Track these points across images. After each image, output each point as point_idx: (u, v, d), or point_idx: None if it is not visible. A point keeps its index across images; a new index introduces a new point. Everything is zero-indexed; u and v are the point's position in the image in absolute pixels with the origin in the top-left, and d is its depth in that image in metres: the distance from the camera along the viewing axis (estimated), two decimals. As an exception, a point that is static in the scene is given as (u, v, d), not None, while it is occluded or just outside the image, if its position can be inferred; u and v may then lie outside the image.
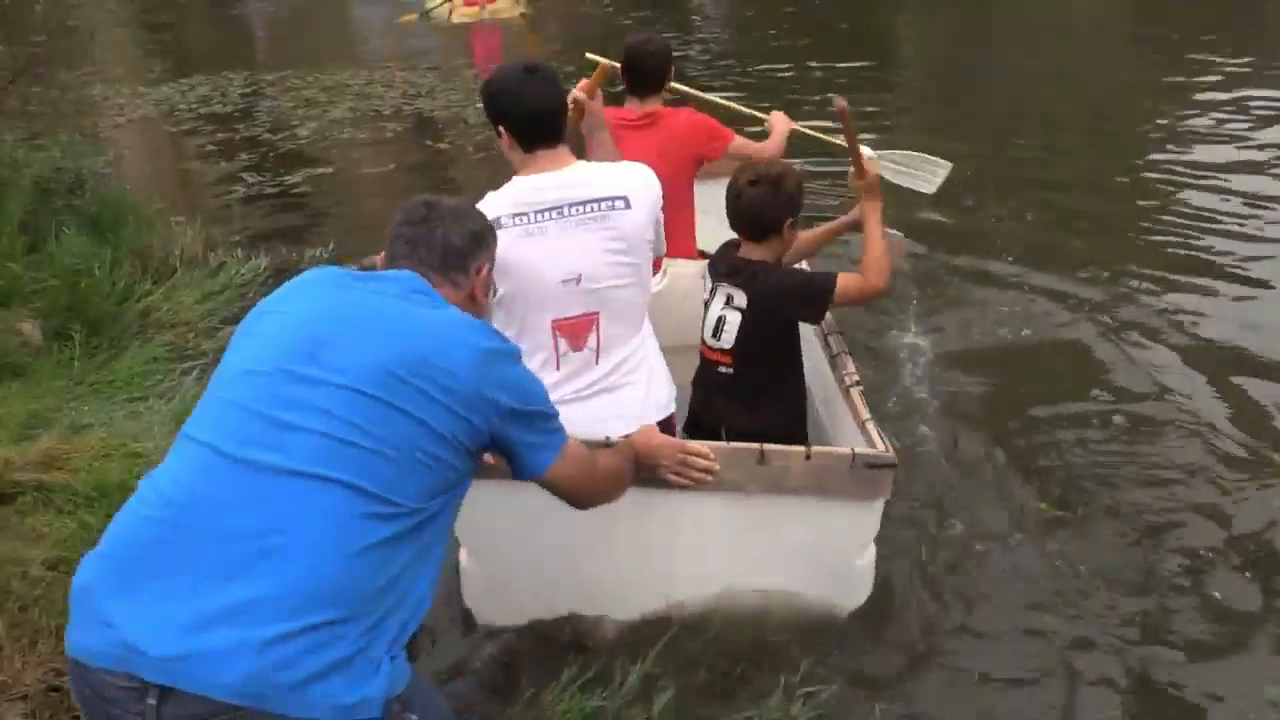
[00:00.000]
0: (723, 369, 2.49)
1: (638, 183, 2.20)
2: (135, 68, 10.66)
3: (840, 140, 2.64)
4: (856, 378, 2.53)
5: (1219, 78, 7.37)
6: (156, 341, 4.10)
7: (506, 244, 2.04)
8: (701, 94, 3.48)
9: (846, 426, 2.48)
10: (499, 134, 2.17)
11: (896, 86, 8.42)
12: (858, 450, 2.15)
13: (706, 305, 2.53)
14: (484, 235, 1.78)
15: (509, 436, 1.56)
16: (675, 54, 3.19)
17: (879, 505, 2.22)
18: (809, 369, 2.59)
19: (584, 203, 2.15)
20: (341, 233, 5.14)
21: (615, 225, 2.16)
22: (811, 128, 3.47)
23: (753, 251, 2.45)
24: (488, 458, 1.62)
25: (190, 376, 3.76)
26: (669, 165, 2.67)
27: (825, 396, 2.76)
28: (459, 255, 1.71)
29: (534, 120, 2.13)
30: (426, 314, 1.54)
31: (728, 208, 2.45)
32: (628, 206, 2.17)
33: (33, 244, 4.46)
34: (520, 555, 2.26)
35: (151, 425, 3.15)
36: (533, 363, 2.14)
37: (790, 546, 2.27)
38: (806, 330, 2.59)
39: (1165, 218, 4.87)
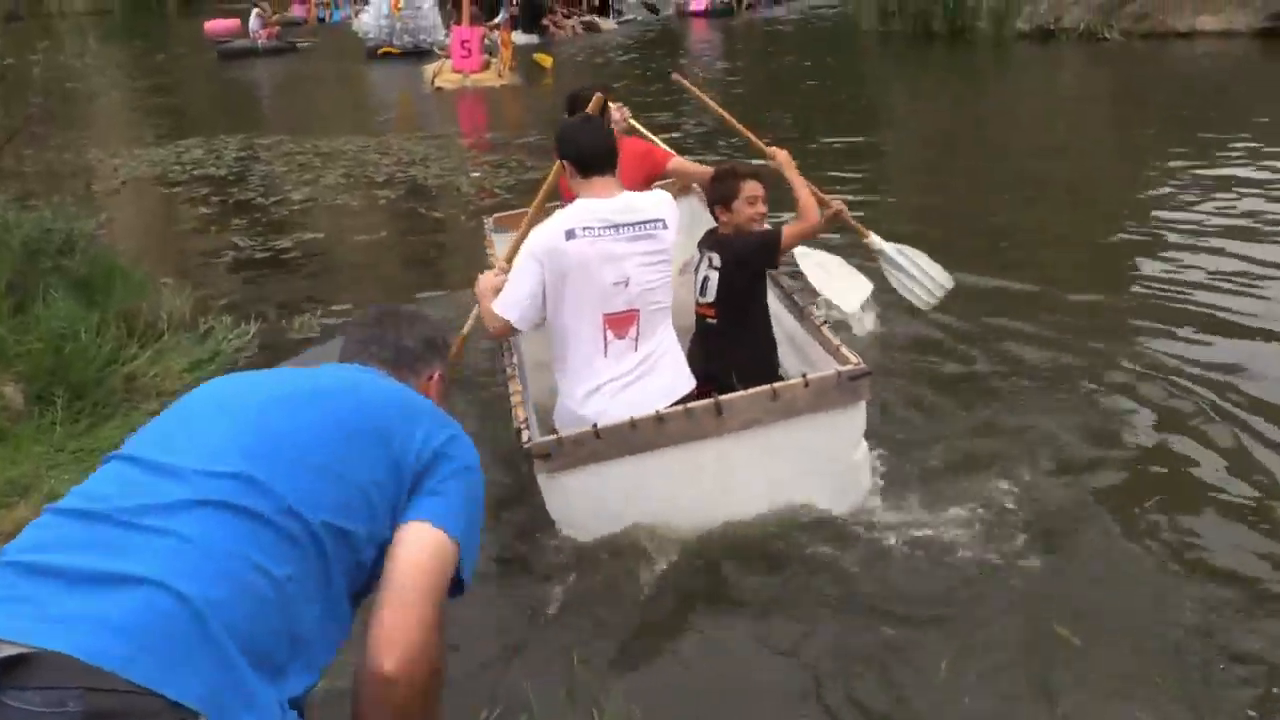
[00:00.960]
0: (709, 320, 3.28)
1: (668, 209, 2.93)
2: (131, 130, 10.72)
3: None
4: (824, 318, 3.31)
5: (1195, 153, 7.53)
6: (141, 409, 4.04)
7: (575, 250, 2.78)
8: (652, 136, 4.23)
9: (816, 355, 3.17)
10: (563, 167, 2.94)
11: (886, 155, 8.57)
12: (840, 369, 2.86)
13: (696, 270, 3.33)
14: (436, 342, 1.76)
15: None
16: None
17: (863, 406, 2.90)
18: (775, 319, 3.36)
19: (634, 224, 2.84)
20: (331, 301, 5.11)
21: (656, 242, 2.87)
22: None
23: (721, 227, 3.31)
24: None
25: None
26: (628, 183, 3.20)
27: (791, 337, 3.44)
28: (411, 357, 1.70)
29: (591, 156, 2.86)
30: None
31: (714, 193, 3.33)
32: (665, 227, 2.89)
33: (19, 305, 4.42)
34: (607, 516, 2.87)
35: (132, 497, 3.07)
36: (585, 349, 2.88)
37: (806, 456, 2.89)
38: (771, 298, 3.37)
39: (1144, 274, 4.95)
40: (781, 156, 3.43)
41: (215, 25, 23.07)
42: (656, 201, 2.95)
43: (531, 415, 2.95)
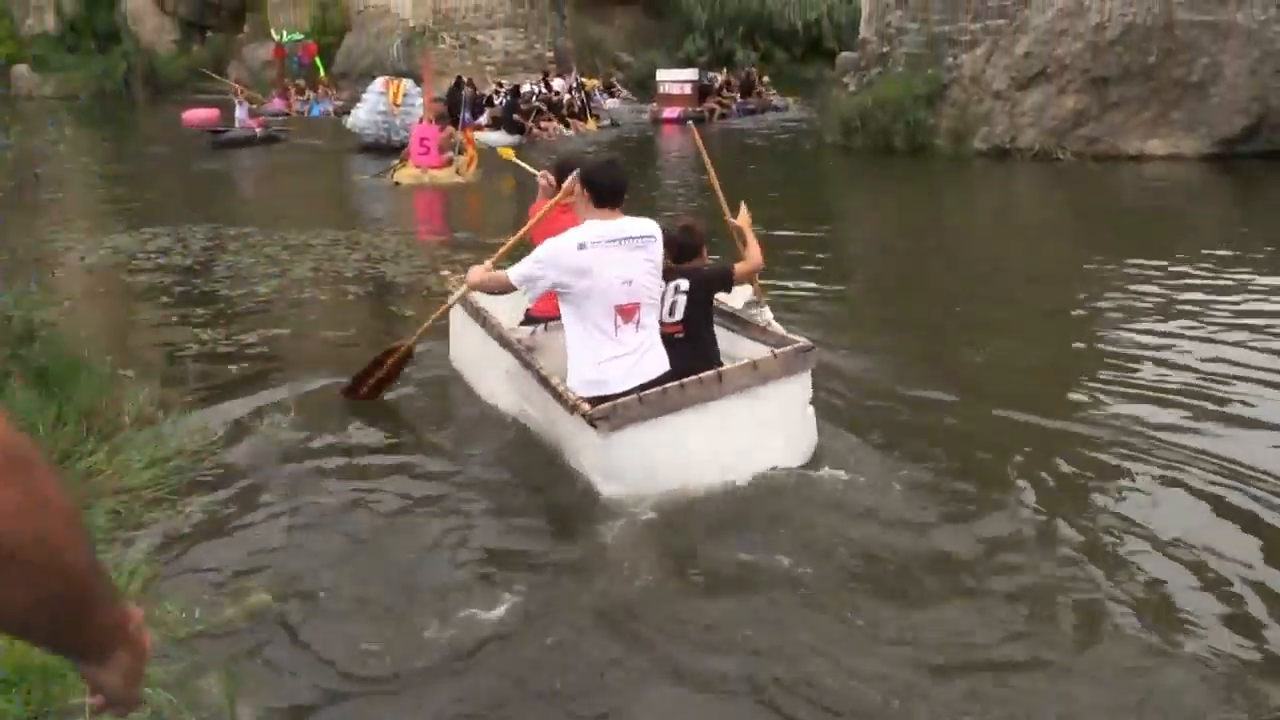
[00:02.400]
0: (677, 335, 4.26)
1: (654, 229, 4.06)
2: (99, 216, 10.63)
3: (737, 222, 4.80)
4: (770, 319, 4.68)
5: (1143, 265, 7.80)
6: (98, 508, 3.90)
7: (589, 257, 3.83)
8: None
9: (758, 349, 4.39)
10: (578, 190, 4.00)
11: (849, 263, 8.72)
12: (796, 345, 4.18)
13: (664, 297, 4.23)
14: None
15: None
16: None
17: (809, 373, 4.20)
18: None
19: (633, 238, 3.93)
20: (299, 400, 5.01)
21: (650, 251, 3.98)
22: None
23: (690, 264, 4.44)
24: None
25: (131, 549, 3.57)
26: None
27: (730, 344, 4.60)
28: None
29: (609, 192, 3.95)
30: None
31: (673, 247, 4.35)
32: (655, 240, 4.02)
33: (-27, 394, 4.29)
34: (650, 466, 3.88)
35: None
36: (600, 331, 3.91)
37: (776, 409, 4.08)
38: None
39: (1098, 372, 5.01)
40: (744, 218, 4.71)
41: (194, 115, 23.16)
42: (647, 223, 4.04)
43: (574, 394, 3.92)
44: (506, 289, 4.13)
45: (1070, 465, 4.23)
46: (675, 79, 25.25)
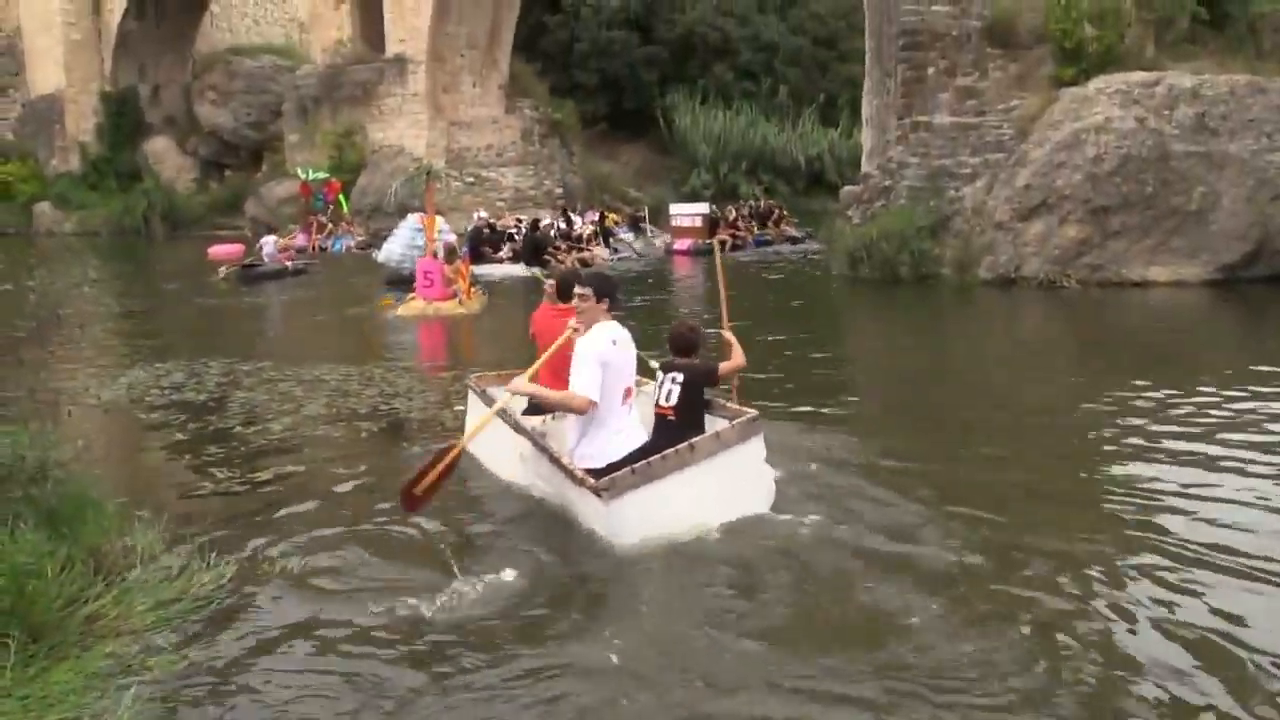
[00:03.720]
0: (669, 418, 5.33)
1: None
2: (115, 352, 10.74)
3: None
4: (736, 406, 5.54)
5: (1158, 399, 7.77)
6: (98, 651, 3.83)
7: (615, 352, 5.03)
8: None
9: (720, 423, 5.32)
10: (588, 296, 5.12)
11: (858, 391, 8.69)
12: (747, 417, 5.18)
13: (661, 385, 5.45)
14: None
15: None
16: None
17: (761, 438, 5.17)
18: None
19: (628, 341, 5.19)
20: (311, 543, 4.94)
21: (633, 351, 5.26)
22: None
23: (687, 358, 5.51)
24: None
25: (128, 693, 3.46)
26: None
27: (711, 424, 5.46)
28: None
29: (616, 300, 5.23)
30: None
31: (679, 341, 5.59)
32: (633, 346, 5.29)
33: (-18, 532, 4.25)
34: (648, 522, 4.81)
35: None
36: (610, 408, 5.06)
37: (738, 468, 5.05)
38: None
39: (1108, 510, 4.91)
40: (728, 334, 5.87)
41: (220, 250, 24.03)
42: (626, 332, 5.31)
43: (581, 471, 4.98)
44: (589, 406, 5.00)
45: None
46: (686, 213, 26.14)
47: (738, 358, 5.64)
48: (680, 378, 5.33)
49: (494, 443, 5.80)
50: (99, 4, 45.02)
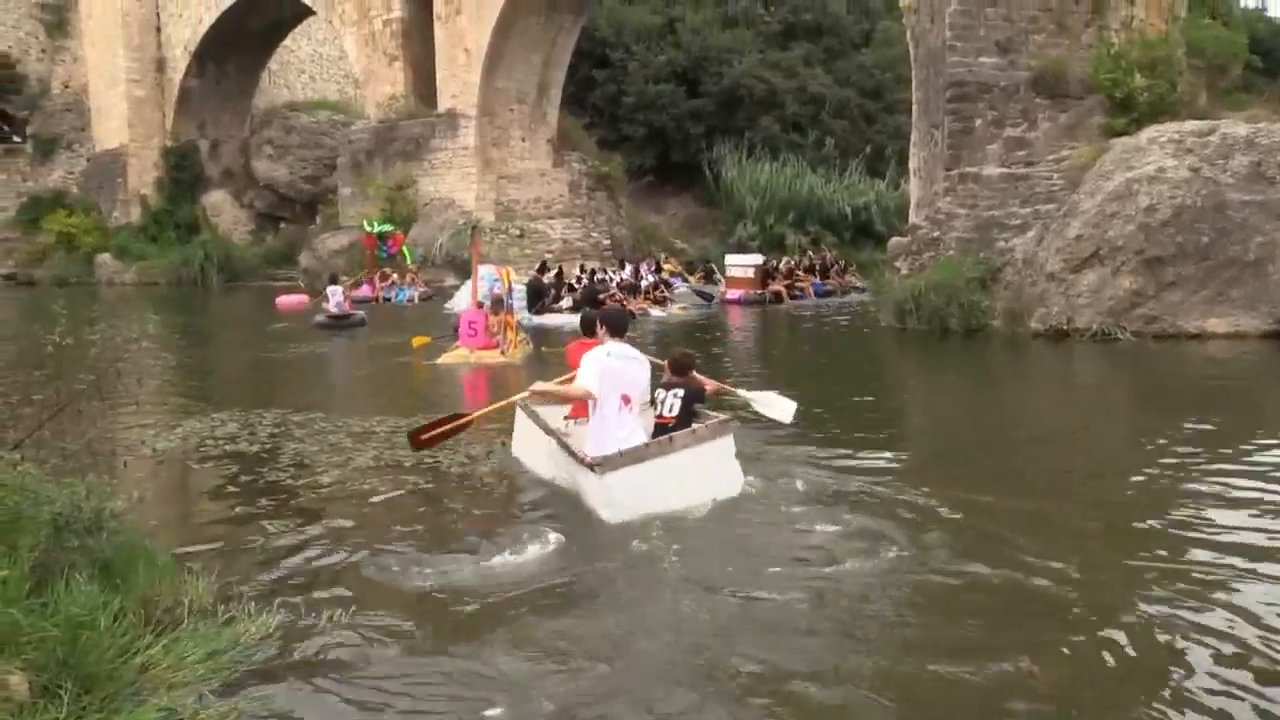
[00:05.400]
0: (669, 426, 6.49)
1: (646, 360, 6.65)
2: (172, 403, 10.92)
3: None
4: (713, 414, 6.71)
5: (1217, 450, 7.61)
6: (150, 704, 3.83)
7: (610, 363, 6.33)
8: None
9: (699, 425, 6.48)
10: (595, 331, 6.85)
11: (911, 444, 8.56)
12: (719, 419, 6.49)
13: (663, 400, 6.69)
14: None
15: None
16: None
17: (730, 438, 6.41)
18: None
19: (633, 358, 6.51)
20: (360, 594, 4.96)
21: (640, 364, 6.56)
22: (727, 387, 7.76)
23: (684, 378, 6.84)
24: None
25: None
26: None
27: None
28: None
29: (617, 327, 6.62)
30: None
31: (678, 363, 6.95)
32: (641, 360, 6.58)
33: (39, 580, 4.31)
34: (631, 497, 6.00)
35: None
36: (610, 412, 6.31)
37: (710, 460, 6.23)
38: None
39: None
40: (712, 386, 7.29)
41: (287, 300, 25.09)
42: (637, 351, 6.65)
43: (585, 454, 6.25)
44: (587, 395, 6.35)
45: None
46: (740, 263, 26.70)
47: (720, 391, 7.51)
48: (680, 393, 6.65)
49: (531, 443, 7.37)
50: (163, 63, 46.60)
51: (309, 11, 42.09)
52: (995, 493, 6.61)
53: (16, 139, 50.33)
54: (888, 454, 7.89)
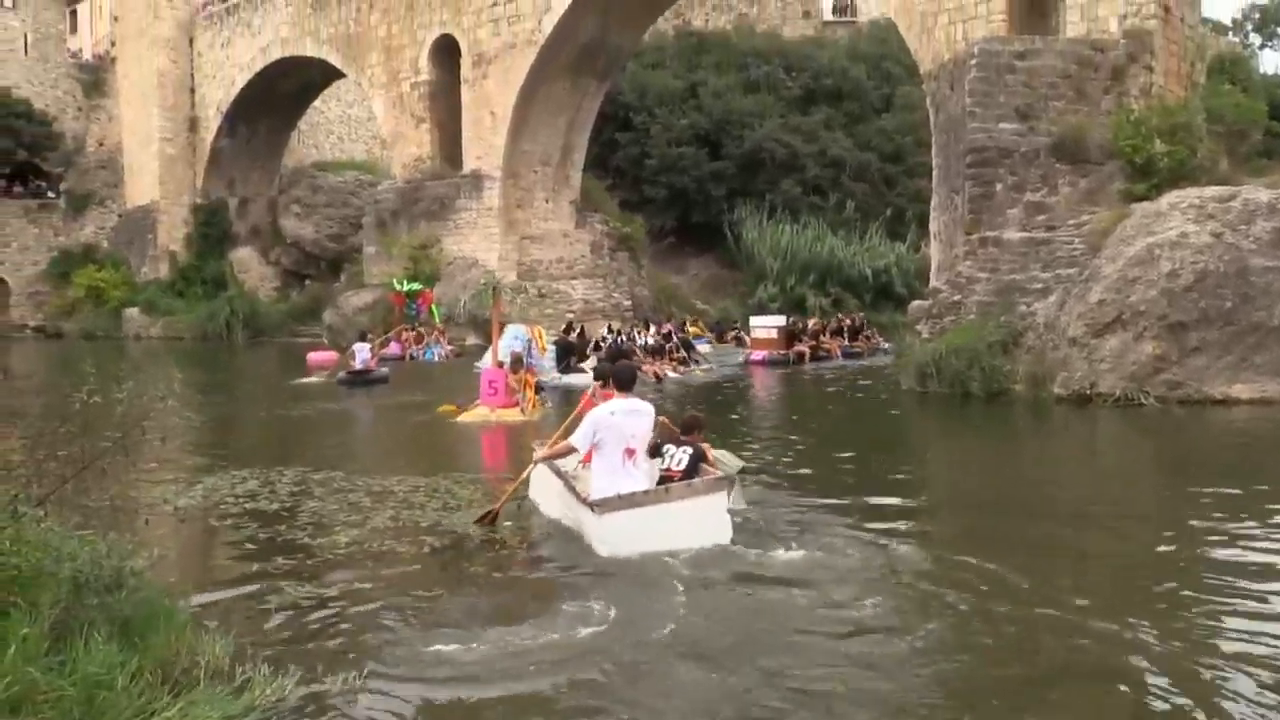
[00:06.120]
0: (675, 480, 7.12)
1: (650, 408, 7.41)
2: (194, 460, 10.99)
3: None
4: (714, 470, 7.51)
5: (1242, 515, 7.54)
6: (163, 769, 3.81)
7: (612, 419, 7.04)
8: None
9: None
10: (603, 387, 8.37)
11: (932, 516, 8.49)
12: (715, 476, 7.21)
13: (671, 455, 7.39)
14: None
15: None
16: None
17: (724, 493, 7.01)
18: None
19: (634, 411, 7.19)
20: (376, 660, 4.93)
21: (644, 418, 7.26)
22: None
23: (690, 437, 7.70)
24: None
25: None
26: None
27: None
28: None
29: (626, 382, 7.36)
30: None
31: (690, 424, 8.05)
32: (649, 414, 7.33)
33: (58, 637, 4.31)
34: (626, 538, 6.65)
35: None
36: (612, 465, 7.02)
37: (703, 511, 6.78)
38: None
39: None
40: (706, 448, 7.80)
41: (317, 357, 25.39)
42: (646, 404, 7.37)
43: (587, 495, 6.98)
44: (571, 451, 7.35)
45: None
46: (764, 324, 27.07)
47: (715, 453, 8.36)
48: (690, 451, 7.38)
49: (544, 486, 8.13)
50: (195, 122, 47.62)
51: (339, 74, 43.03)
52: (1020, 571, 6.53)
53: (51, 195, 51.44)
54: (906, 523, 7.83)
